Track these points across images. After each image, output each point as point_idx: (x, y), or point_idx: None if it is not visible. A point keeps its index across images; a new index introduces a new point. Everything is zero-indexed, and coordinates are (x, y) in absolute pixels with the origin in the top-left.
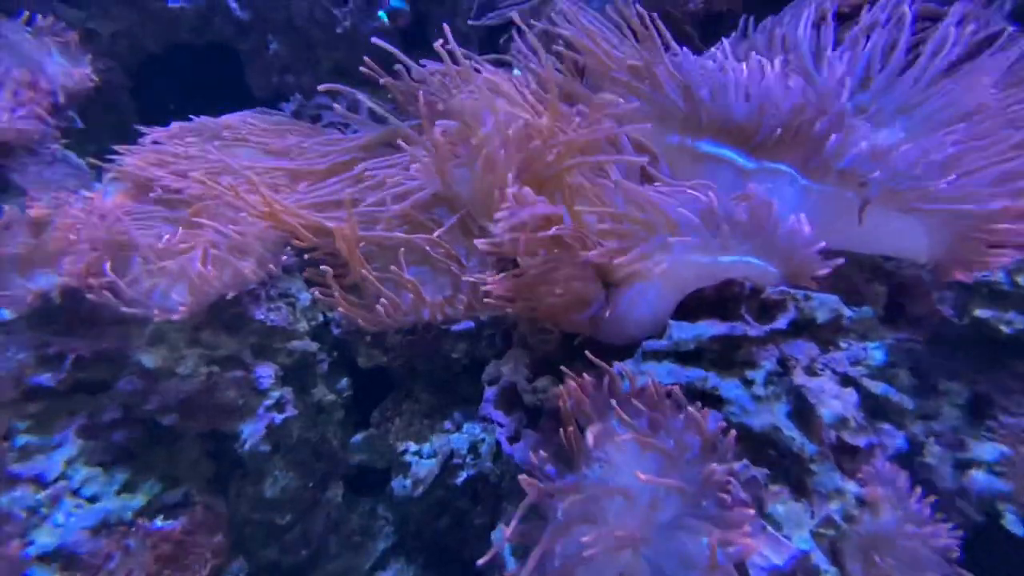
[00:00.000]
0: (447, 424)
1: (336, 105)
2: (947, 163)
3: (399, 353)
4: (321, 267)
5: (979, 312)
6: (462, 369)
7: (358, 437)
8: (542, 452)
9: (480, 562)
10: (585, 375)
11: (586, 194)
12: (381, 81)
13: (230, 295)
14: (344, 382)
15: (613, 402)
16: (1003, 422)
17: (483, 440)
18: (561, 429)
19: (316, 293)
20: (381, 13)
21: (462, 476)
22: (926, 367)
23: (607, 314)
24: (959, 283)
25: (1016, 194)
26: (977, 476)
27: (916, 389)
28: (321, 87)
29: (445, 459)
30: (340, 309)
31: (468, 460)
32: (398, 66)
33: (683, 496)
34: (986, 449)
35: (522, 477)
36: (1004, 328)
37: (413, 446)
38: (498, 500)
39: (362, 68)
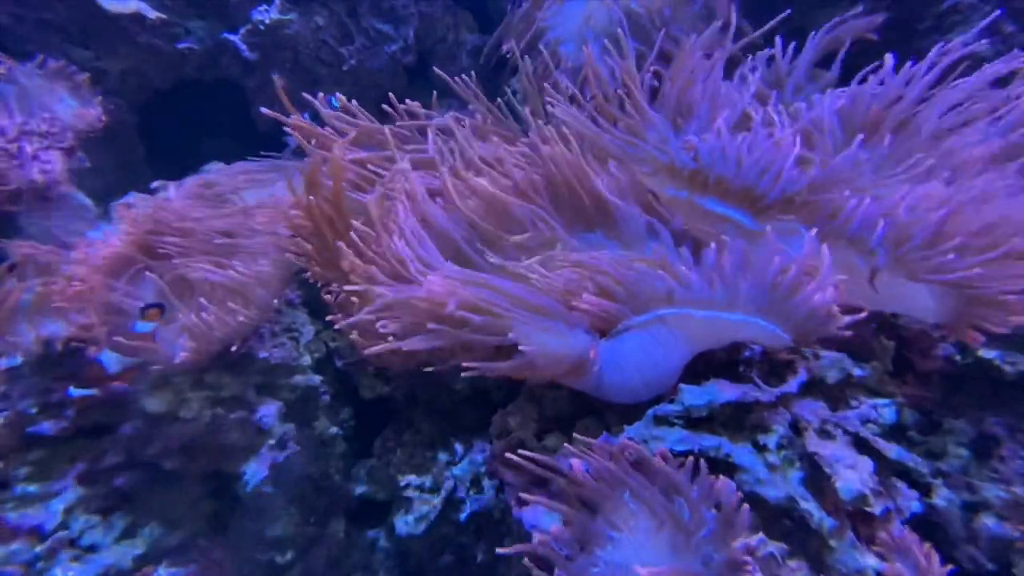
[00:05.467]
0: (449, 455)
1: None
2: (957, 231)
3: (401, 383)
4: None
5: (983, 352)
6: (464, 400)
7: (360, 468)
8: (553, 529)
9: None
10: (595, 445)
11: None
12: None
13: (234, 347)
14: (346, 413)
15: (626, 473)
16: (1010, 464)
17: (486, 473)
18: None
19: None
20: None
21: (465, 512)
22: (930, 404)
23: (603, 374)
24: None
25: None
26: (987, 522)
27: (920, 425)
28: None
29: (447, 494)
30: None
31: (471, 494)
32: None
33: None
34: (994, 493)
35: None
36: (1008, 368)
37: (415, 480)
38: (500, 537)
39: None
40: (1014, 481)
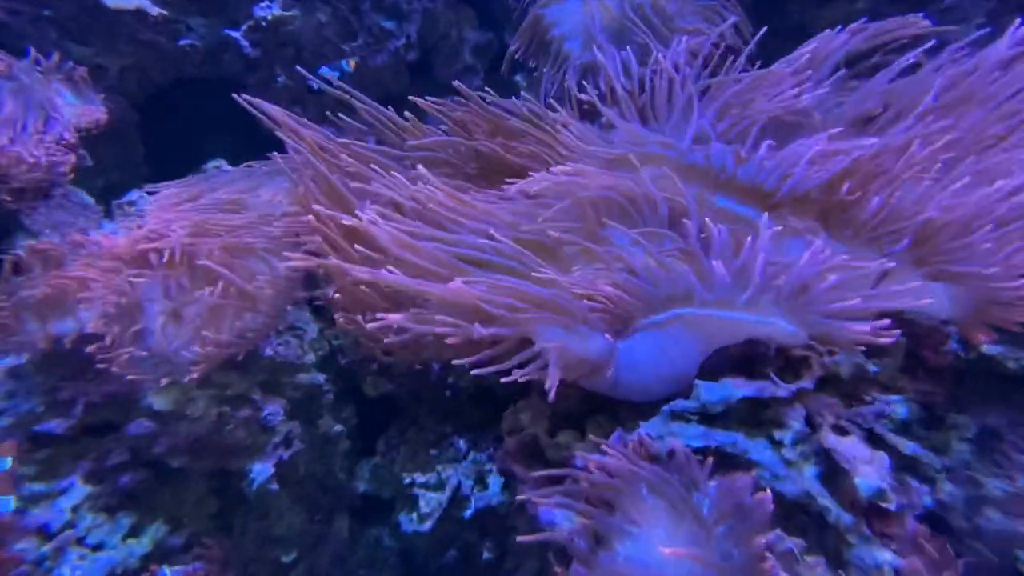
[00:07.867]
0: (453, 453)
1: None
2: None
3: (405, 381)
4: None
5: (986, 348)
6: (467, 397)
7: (364, 467)
8: (569, 527)
9: None
10: (609, 442)
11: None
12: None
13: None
14: (350, 411)
15: (643, 470)
16: (1014, 459)
17: (490, 470)
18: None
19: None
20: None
21: (470, 509)
22: (942, 399)
23: (618, 373)
24: None
25: None
26: (992, 516)
27: (923, 421)
28: None
29: (452, 491)
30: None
31: (476, 491)
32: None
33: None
34: (998, 487)
35: None
36: (1011, 364)
37: (420, 477)
38: (506, 534)
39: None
40: (1017, 475)
